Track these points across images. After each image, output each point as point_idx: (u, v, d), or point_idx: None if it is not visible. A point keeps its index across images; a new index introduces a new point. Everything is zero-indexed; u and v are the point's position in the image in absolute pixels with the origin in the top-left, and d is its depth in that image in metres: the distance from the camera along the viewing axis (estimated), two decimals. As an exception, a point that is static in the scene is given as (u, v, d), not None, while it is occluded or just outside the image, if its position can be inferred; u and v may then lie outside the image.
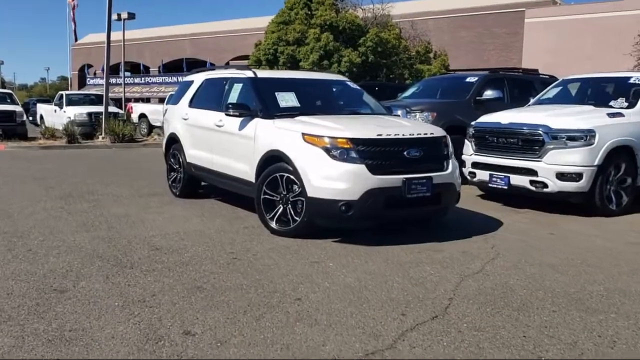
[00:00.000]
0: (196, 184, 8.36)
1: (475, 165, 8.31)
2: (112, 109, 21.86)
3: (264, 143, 6.31)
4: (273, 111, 6.52)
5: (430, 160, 6.00)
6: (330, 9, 24.18)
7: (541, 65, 21.30)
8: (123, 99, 32.28)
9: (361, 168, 5.60)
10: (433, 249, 5.69)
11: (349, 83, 7.86)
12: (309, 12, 24.47)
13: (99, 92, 25.59)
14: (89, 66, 64.72)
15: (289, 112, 6.56)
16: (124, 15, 30.28)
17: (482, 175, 8.06)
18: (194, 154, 7.92)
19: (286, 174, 5.99)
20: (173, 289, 4.41)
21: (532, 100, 9.64)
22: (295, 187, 5.93)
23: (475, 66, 30.75)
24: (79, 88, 58.32)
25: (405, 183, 5.67)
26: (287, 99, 6.71)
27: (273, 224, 6.14)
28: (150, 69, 59.61)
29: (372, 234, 6.14)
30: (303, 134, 5.87)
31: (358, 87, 7.79)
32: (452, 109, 10.33)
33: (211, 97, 7.85)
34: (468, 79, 11.18)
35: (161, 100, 43.85)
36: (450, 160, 6.23)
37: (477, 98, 10.67)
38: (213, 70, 8.53)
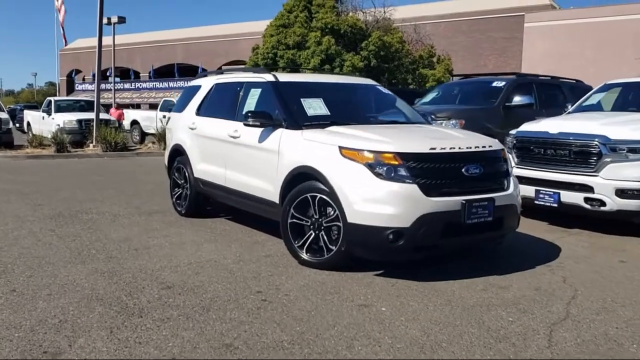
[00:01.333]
0: (204, 201, 7.41)
1: (518, 179, 7.40)
2: (104, 115, 20.82)
3: (291, 158, 5.39)
4: (300, 120, 5.61)
5: (491, 178, 5.11)
6: (330, 12, 23.32)
7: (541, 70, 20.59)
8: (113, 105, 31.30)
9: (413, 189, 4.68)
10: (498, 285, 4.78)
11: (380, 87, 6.95)
12: (309, 15, 23.59)
13: (89, 98, 24.56)
14: (78, 72, 63.58)
15: (319, 122, 5.65)
16: (114, 19, 29.31)
17: (527, 190, 7.16)
18: (203, 169, 6.99)
19: (319, 195, 5.07)
20: (196, 349, 3.47)
21: (572, 107, 8.79)
22: (330, 210, 5.01)
23: (472, 71, 30.02)
24: (68, 94, 57.08)
25: (464, 206, 4.77)
26: (314, 107, 5.80)
27: (303, 254, 5.21)
28: (141, 75, 58.57)
29: (417, 263, 5.23)
30: (340, 148, 4.95)
31: (390, 92, 6.88)
32: (480, 116, 9.46)
33: (223, 104, 6.93)
34: (495, 84, 10.32)
35: (152, 107, 42.88)
36: (511, 178, 5.34)
37: (507, 104, 9.81)
38: (223, 73, 7.58)
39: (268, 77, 6.26)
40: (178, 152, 7.59)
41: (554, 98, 10.68)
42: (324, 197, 5.03)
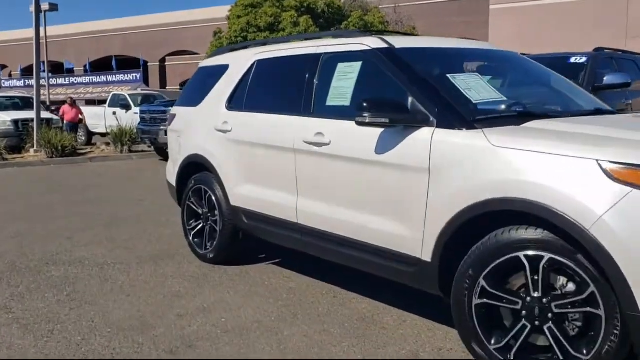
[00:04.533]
0: (240, 239, 4.86)
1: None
2: (45, 114, 17.58)
3: (470, 183, 2.93)
4: (469, 113, 3.17)
5: None
6: (304, -11, 20.75)
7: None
8: (48, 101, 27.73)
9: None
10: None
11: (523, 57, 4.56)
12: (280, -7, 20.94)
13: (26, 94, 21.18)
14: (3, 67, 58.36)
15: (499, 115, 3.25)
16: (45, 7, 25.91)
17: None
18: (249, 194, 4.44)
19: (558, 258, 2.65)
20: None
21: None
22: (581, 287, 2.62)
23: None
24: (-7, 91, 51.97)
25: None
26: (477, 89, 3.37)
27: (511, 363, 2.79)
28: (75, 69, 54.12)
29: None
30: (608, 167, 2.54)
31: (538, 64, 4.48)
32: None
33: (281, 92, 4.43)
34: (573, 60, 8.16)
35: (88, 103, 39.06)
36: None
37: (597, 85, 7.65)
38: (267, 44, 4.96)
39: (373, 42, 3.77)
40: (198, 167, 5.01)
41: (633, 76, 8.64)
42: (568, 262, 2.62)
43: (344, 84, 3.77)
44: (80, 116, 19.08)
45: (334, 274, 4.45)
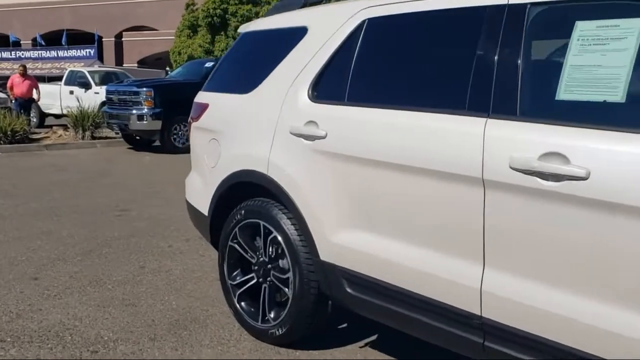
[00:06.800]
0: (328, 312, 3.01)
1: None
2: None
3: None
4: None
5: None
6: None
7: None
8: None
9: None
10: None
11: None
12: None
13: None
14: None
15: None
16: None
17: None
18: (365, 246, 2.58)
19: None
20: None
21: None
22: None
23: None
24: None
25: None
26: None
27: None
28: (22, 42, 50.29)
29: None
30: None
31: None
32: None
33: (422, 73, 2.56)
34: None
35: (38, 80, 35.86)
36: None
37: None
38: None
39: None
40: (253, 190, 3.11)
41: None
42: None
43: (603, 59, 1.96)
44: (35, 91, 15.03)
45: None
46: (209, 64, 12.98)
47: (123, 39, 47.57)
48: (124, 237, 5.34)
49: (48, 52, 46.55)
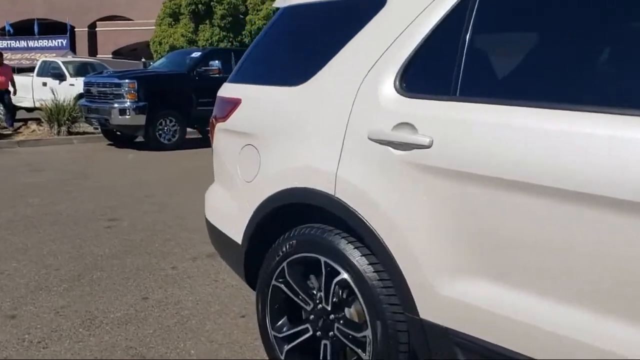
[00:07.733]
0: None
1: None
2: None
3: None
4: None
5: None
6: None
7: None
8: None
9: None
10: None
11: None
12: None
13: None
14: None
15: None
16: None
17: None
18: (493, 304, 1.80)
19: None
20: None
21: None
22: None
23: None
24: None
25: None
26: None
27: None
28: (-10, 32, 48.44)
29: None
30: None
31: None
32: None
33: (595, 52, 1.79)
34: None
35: (19, 71, 34.24)
36: None
37: None
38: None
39: None
40: (309, 214, 2.32)
41: None
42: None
43: None
44: (10, 83, 13.76)
45: None
46: (195, 55, 12.13)
47: (97, 29, 46.06)
48: (117, 255, 4.50)
49: (17, 42, 44.85)
